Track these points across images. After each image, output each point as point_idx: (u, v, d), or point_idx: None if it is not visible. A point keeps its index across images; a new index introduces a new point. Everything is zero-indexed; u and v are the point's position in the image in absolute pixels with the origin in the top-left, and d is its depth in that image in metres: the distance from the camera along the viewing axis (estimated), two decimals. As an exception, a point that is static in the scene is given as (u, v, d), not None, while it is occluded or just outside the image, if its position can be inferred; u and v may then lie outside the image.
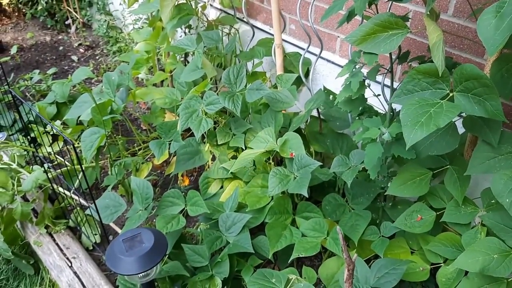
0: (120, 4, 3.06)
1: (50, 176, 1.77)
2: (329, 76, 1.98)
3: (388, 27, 1.19)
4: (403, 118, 1.10)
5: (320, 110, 1.87)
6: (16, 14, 4.03)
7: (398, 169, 1.48)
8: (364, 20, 1.24)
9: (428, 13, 1.15)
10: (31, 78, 2.85)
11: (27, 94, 2.85)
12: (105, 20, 3.27)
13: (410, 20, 1.60)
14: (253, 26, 2.15)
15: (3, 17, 4.00)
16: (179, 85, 2.11)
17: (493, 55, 1.18)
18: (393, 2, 1.44)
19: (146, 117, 2.33)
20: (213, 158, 1.92)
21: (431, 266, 1.43)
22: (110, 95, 2.00)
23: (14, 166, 1.82)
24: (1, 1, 3.89)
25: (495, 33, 0.91)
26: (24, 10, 3.89)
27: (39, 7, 3.64)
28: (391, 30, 1.19)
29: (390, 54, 1.33)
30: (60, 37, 3.72)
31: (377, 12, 1.28)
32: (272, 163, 1.75)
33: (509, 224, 1.18)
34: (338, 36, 1.87)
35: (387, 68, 1.39)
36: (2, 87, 2.53)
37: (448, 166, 1.38)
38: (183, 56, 2.46)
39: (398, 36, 1.18)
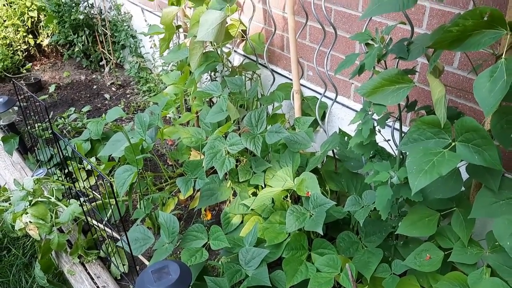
0: (151, 47, 3.31)
1: (84, 209, 1.93)
2: (344, 119, 2.11)
3: (395, 81, 1.31)
4: (409, 166, 1.21)
5: (335, 151, 1.98)
6: (54, 54, 4.35)
7: (409, 209, 1.57)
8: (374, 74, 1.37)
9: (431, 70, 1.28)
10: (68, 116, 3.08)
11: (63, 130, 3.07)
12: (137, 61, 3.51)
13: (417, 72, 1.72)
14: (273, 72, 2.31)
15: (43, 57, 4.32)
16: (204, 125, 2.26)
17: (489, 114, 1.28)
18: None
19: (172, 154, 2.49)
20: (234, 194, 2.05)
21: (441, 304, 1.49)
22: (142, 134, 2.16)
23: (53, 199, 1.99)
24: (41, 43, 4.21)
25: (489, 95, 1.00)
26: (62, 51, 4.19)
27: (76, 49, 3.93)
28: (398, 84, 1.31)
29: (399, 104, 1.45)
30: (94, 76, 3.99)
31: (386, 67, 1.41)
32: (290, 201, 1.87)
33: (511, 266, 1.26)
34: (353, 83, 2.01)
35: (396, 117, 1.51)
36: (42, 124, 2.75)
37: (454, 208, 1.47)
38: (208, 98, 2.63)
39: (404, 89, 1.30)
